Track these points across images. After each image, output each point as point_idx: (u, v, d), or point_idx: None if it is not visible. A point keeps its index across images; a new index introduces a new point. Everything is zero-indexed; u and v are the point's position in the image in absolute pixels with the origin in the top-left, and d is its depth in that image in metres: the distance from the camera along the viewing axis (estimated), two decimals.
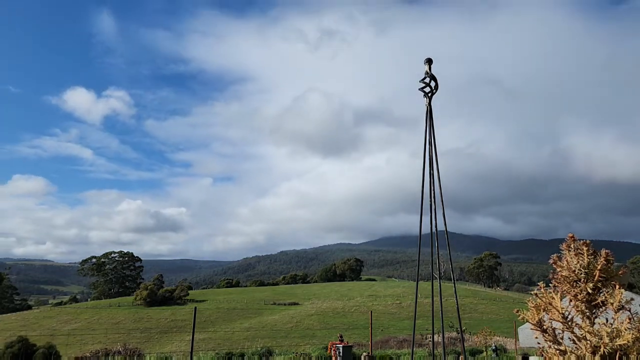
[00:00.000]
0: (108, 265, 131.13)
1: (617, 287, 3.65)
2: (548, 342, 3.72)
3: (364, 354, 18.54)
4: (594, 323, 3.61)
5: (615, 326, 3.46)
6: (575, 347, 3.56)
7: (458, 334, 35.54)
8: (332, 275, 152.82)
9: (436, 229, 6.16)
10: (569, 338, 3.62)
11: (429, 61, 6.54)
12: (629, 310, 3.53)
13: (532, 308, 3.82)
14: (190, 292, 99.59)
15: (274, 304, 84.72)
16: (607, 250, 3.70)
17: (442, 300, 6.03)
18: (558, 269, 3.84)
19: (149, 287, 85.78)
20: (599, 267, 3.62)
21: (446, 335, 36.02)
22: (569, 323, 3.67)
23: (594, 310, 3.67)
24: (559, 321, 3.69)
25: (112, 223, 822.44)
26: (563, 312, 3.69)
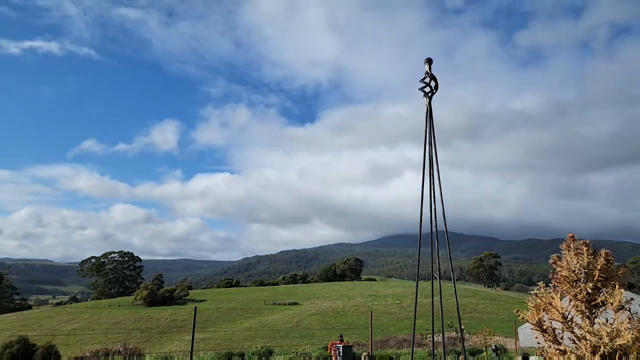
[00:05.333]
0: (108, 266, 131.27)
1: (617, 287, 3.65)
2: (548, 342, 3.72)
3: (364, 353, 18.54)
4: (594, 323, 3.61)
5: (615, 326, 3.46)
6: (575, 347, 3.56)
7: (458, 333, 35.53)
8: (332, 275, 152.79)
9: (436, 229, 6.16)
10: (569, 338, 3.62)
11: (429, 61, 6.55)
12: (629, 310, 3.53)
13: (532, 308, 3.82)
14: (190, 292, 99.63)
15: (274, 304, 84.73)
16: (607, 250, 3.70)
17: (442, 300, 6.03)
18: (558, 269, 3.84)
19: (149, 287, 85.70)
20: (598, 267, 3.62)
21: (446, 335, 36.00)
22: (569, 323, 3.67)
23: (594, 310, 3.67)
24: (559, 321, 3.69)
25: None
26: (563, 312, 3.69)
